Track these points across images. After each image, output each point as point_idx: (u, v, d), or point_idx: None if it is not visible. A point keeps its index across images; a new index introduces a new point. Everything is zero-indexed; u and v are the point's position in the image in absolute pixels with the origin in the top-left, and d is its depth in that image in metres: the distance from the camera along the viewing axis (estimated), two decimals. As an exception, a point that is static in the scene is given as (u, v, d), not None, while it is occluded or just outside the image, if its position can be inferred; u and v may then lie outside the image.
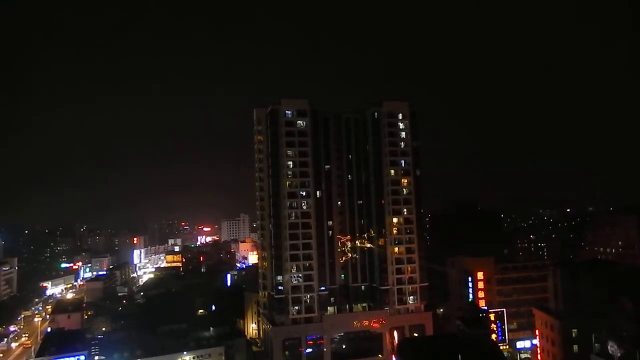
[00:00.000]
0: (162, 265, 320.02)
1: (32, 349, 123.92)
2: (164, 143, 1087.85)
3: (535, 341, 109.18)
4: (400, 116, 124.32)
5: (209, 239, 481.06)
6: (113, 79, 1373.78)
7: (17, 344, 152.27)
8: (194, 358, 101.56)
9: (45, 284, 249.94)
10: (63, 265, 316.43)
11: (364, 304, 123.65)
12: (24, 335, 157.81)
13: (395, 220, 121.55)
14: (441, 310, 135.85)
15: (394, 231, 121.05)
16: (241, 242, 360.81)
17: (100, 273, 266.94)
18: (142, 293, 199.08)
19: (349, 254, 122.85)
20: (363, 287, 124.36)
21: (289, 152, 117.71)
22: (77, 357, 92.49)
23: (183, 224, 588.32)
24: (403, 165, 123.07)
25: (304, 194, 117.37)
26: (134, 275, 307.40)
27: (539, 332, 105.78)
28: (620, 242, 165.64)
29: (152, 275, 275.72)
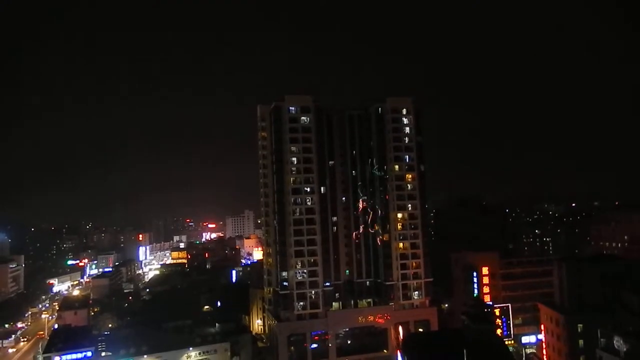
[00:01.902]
0: (168, 262, 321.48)
1: (40, 345, 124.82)
2: (168, 140, 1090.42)
3: (541, 336, 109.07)
4: (404, 112, 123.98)
5: (213, 235, 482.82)
6: (118, 76, 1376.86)
7: (14, 349, 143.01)
8: (199, 354, 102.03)
9: (51, 281, 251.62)
10: (69, 262, 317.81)
11: (369, 300, 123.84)
12: (22, 340, 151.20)
13: (399, 215, 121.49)
14: (446, 305, 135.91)
15: (399, 226, 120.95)
16: (246, 238, 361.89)
17: (106, 270, 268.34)
18: (147, 289, 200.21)
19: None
20: (368, 282, 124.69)
21: (293, 149, 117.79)
22: (83, 353, 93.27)
23: (188, 220, 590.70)
24: (407, 160, 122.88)
25: (308, 190, 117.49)
26: (140, 271, 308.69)
27: (544, 327, 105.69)
28: (625, 237, 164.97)
29: (157, 272, 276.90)
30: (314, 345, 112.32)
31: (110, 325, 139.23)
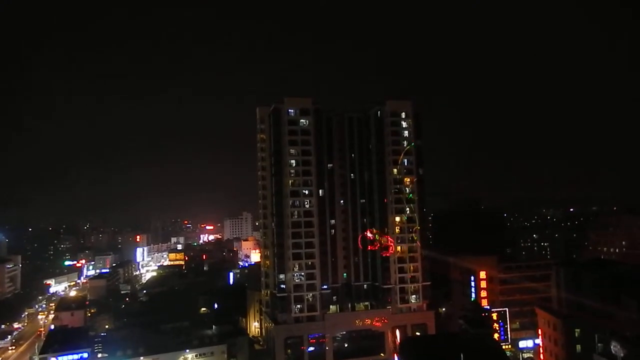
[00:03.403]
0: (165, 264, 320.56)
1: (36, 346, 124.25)
2: (167, 141, 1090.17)
3: (538, 341, 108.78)
4: (403, 115, 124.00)
5: (211, 237, 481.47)
6: (117, 77, 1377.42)
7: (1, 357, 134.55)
8: (196, 356, 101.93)
9: (48, 282, 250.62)
10: (66, 263, 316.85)
11: (366, 303, 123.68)
12: (10, 349, 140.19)
13: (397, 219, 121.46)
14: (443, 309, 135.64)
15: (397, 230, 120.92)
16: (244, 240, 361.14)
17: (104, 271, 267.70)
18: (145, 291, 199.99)
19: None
20: (365, 285, 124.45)
21: (292, 151, 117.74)
22: (80, 355, 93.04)
23: (186, 222, 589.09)
24: (406, 164, 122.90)
25: (306, 192, 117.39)
26: (137, 273, 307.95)
27: (541, 331, 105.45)
28: (623, 242, 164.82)
29: (155, 273, 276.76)
30: (311, 348, 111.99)
31: (107, 327, 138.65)
